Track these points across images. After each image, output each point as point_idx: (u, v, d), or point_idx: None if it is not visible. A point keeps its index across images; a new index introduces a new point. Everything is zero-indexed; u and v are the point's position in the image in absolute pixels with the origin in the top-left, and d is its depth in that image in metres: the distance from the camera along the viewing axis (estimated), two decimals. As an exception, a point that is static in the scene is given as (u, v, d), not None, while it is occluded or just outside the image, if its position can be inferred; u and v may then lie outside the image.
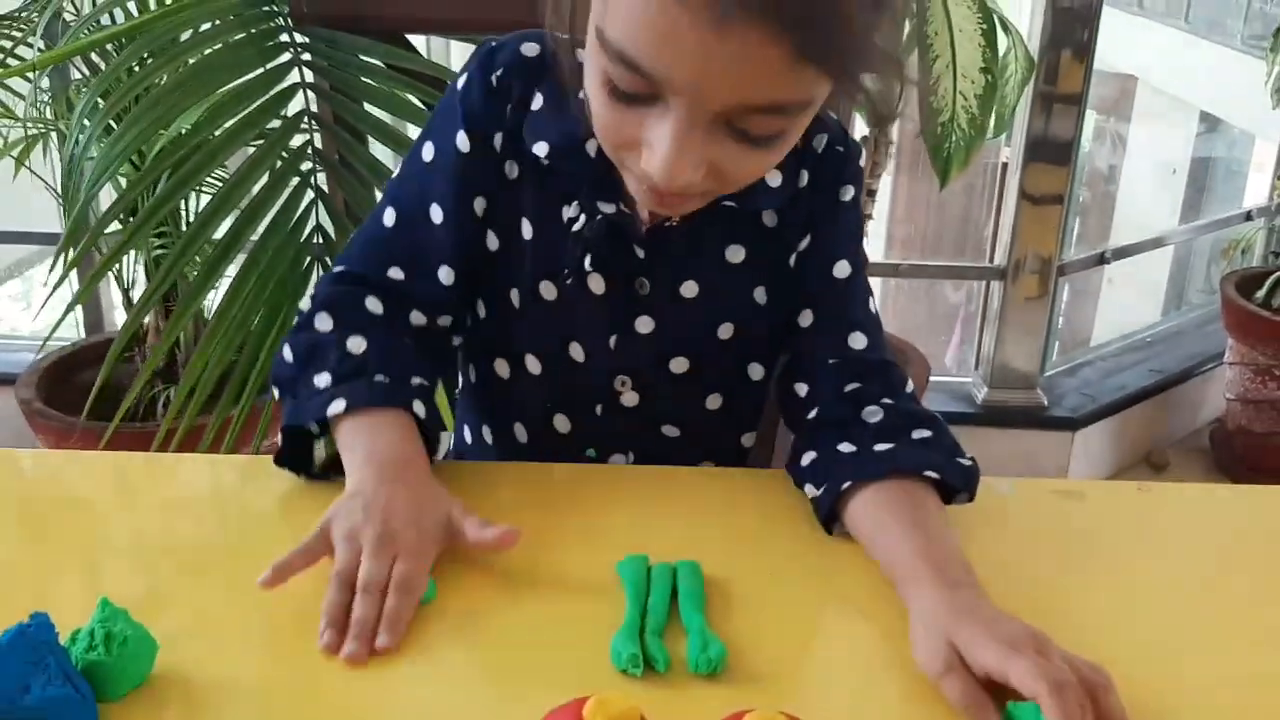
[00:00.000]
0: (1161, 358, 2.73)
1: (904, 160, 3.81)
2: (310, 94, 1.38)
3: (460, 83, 0.83)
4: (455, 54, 2.17)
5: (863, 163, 0.86)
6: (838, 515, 0.78)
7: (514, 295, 0.86)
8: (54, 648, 0.58)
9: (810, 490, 0.80)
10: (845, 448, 0.79)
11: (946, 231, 3.94)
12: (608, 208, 0.80)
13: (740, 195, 0.78)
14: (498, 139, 0.83)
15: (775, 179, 0.82)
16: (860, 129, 1.92)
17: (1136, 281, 3.79)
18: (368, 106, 1.38)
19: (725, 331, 0.86)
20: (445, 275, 0.84)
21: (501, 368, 0.89)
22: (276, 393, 0.82)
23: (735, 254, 0.85)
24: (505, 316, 0.87)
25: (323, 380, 0.78)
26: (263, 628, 0.68)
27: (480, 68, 0.82)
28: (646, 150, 0.67)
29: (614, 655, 0.65)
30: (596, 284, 0.83)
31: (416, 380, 0.80)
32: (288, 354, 0.82)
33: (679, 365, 0.87)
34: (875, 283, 1.33)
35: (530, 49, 0.81)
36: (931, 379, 2.28)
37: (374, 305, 0.83)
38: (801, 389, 0.85)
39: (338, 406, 0.76)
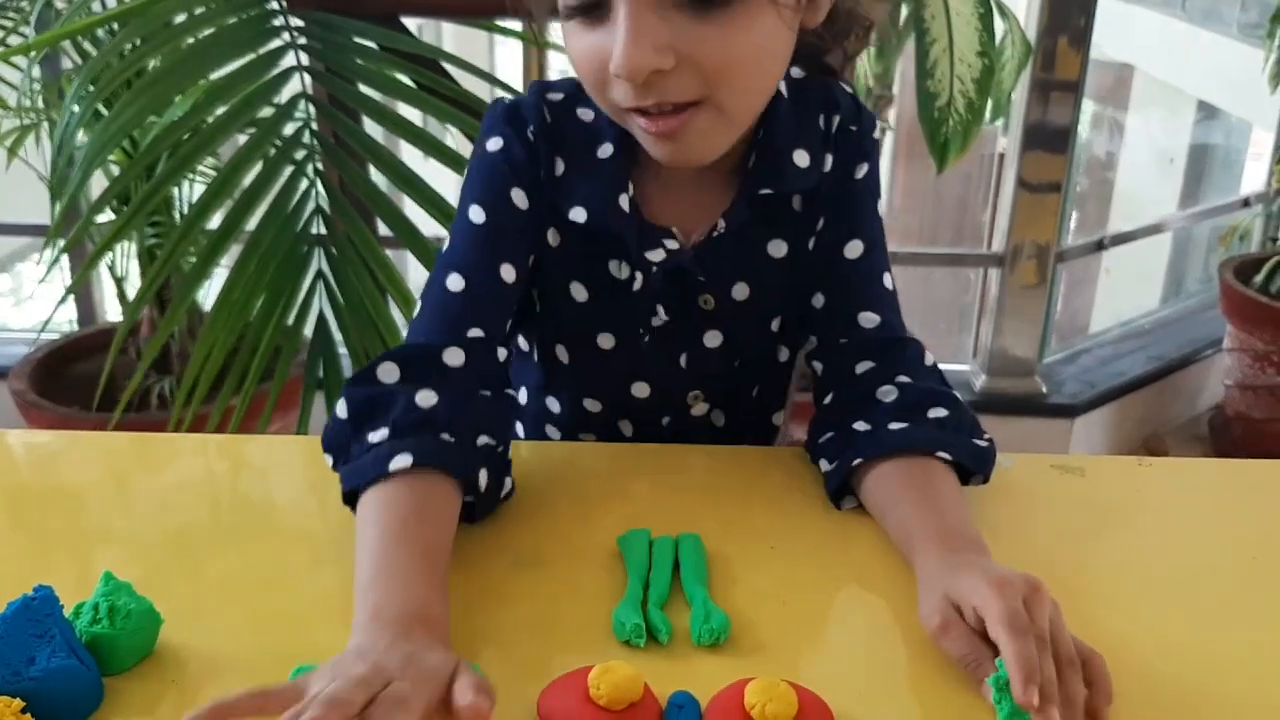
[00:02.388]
0: (1160, 344, 2.73)
1: (901, 148, 3.81)
2: (306, 78, 1.38)
3: (493, 144, 0.81)
4: (447, 38, 2.17)
5: (877, 135, 0.86)
6: (848, 489, 0.78)
7: (560, 351, 0.87)
8: (59, 620, 0.58)
9: (824, 465, 0.80)
10: (860, 426, 0.79)
11: (944, 219, 3.94)
12: (655, 255, 0.81)
13: (772, 177, 0.80)
14: (539, 202, 0.81)
15: (803, 159, 0.81)
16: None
17: (1135, 269, 3.79)
18: (363, 88, 1.37)
19: (775, 325, 0.88)
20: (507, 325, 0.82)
21: (553, 404, 0.91)
22: (330, 460, 0.73)
23: (778, 249, 0.85)
24: (550, 366, 0.88)
25: (378, 435, 0.70)
26: (265, 604, 0.68)
27: (512, 127, 0.81)
28: (613, 56, 0.69)
29: (617, 626, 0.65)
30: (658, 319, 0.84)
31: (483, 440, 0.73)
32: (341, 410, 0.73)
33: (739, 366, 0.88)
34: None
35: (550, 114, 0.81)
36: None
37: (453, 357, 0.75)
38: (818, 367, 0.86)
39: (403, 461, 0.67)
